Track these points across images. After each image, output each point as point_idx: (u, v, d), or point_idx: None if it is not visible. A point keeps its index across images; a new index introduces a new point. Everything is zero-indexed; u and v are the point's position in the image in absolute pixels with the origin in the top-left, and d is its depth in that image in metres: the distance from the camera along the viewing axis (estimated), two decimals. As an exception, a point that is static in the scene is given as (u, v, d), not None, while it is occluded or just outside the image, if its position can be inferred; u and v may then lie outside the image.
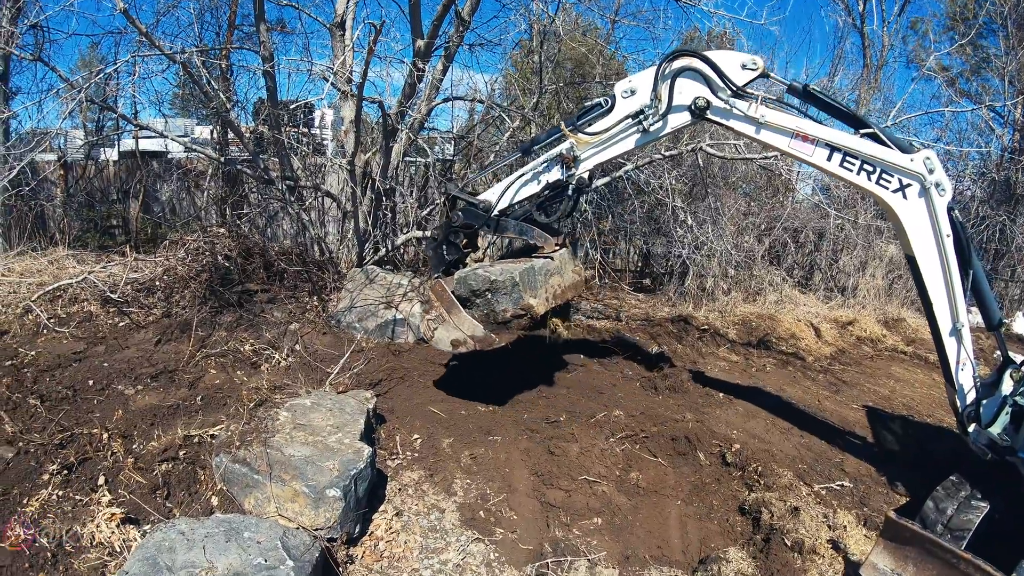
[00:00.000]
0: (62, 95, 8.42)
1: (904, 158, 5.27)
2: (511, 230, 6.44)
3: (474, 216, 6.39)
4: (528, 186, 6.33)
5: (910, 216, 5.36)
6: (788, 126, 5.53)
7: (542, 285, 6.33)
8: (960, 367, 5.39)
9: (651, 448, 6.56)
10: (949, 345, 5.39)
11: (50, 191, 13.29)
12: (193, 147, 10.63)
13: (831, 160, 5.49)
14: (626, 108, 5.93)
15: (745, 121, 5.63)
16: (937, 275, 5.34)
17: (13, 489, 4.60)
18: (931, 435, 7.32)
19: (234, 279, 8.61)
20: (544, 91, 10.79)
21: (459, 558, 4.99)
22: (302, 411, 5.65)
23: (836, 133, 5.49)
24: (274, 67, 8.98)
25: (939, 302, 5.37)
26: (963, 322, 5.27)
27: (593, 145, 6.06)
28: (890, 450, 6.99)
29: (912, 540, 4.50)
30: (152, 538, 4.15)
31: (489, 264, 6.45)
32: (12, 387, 5.83)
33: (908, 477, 6.25)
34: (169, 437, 5.39)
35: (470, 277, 6.21)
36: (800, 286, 13.52)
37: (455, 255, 6.58)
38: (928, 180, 5.22)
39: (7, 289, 7.73)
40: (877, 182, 5.39)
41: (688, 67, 5.70)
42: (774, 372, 9.11)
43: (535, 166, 6.25)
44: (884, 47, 19.90)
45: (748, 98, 5.59)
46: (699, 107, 5.69)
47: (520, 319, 6.21)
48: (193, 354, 6.92)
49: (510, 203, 6.39)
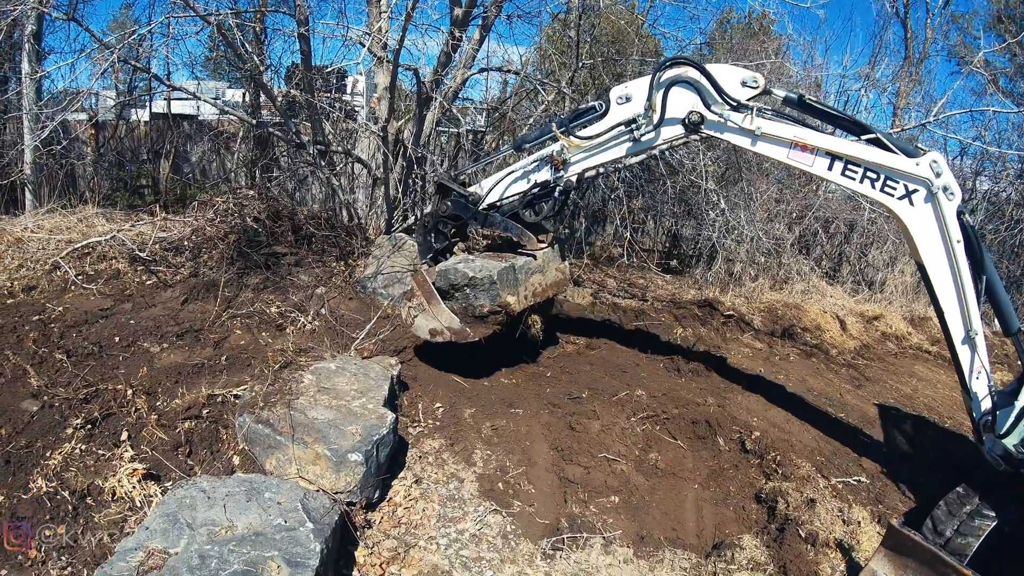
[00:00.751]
0: (95, 55, 8.43)
1: (909, 163, 5.08)
2: (497, 225, 6.52)
3: (463, 207, 6.51)
4: (518, 183, 6.38)
5: (917, 223, 5.19)
6: (786, 136, 5.38)
7: (522, 283, 6.51)
8: (974, 375, 5.19)
9: (671, 430, 6.53)
10: (962, 353, 5.21)
11: (81, 150, 13.37)
12: (225, 109, 10.63)
13: (832, 169, 5.34)
14: (620, 115, 5.86)
15: (741, 134, 5.51)
16: (948, 282, 5.16)
17: (37, 442, 4.64)
18: (950, 438, 7.21)
19: (262, 241, 8.63)
20: (582, 66, 10.67)
21: (476, 528, 5.01)
22: (327, 375, 5.67)
23: (836, 141, 5.33)
24: (309, 31, 8.92)
25: (951, 310, 5.19)
26: (976, 330, 5.09)
27: (584, 149, 6.03)
28: (905, 451, 6.89)
29: (913, 551, 4.45)
30: (173, 495, 4.19)
31: (472, 258, 6.54)
32: (39, 342, 5.88)
33: (923, 479, 6.15)
34: (193, 395, 5.42)
35: (450, 271, 6.35)
36: (828, 277, 13.35)
37: (442, 243, 6.76)
38: (935, 184, 5.03)
39: (36, 245, 7.79)
40: (882, 189, 5.23)
41: (683, 78, 5.58)
42: (797, 362, 9.02)
43: (526, 164, 6.28)
44: (927, 40, 19.52)
45: (743, 109, 5.45)
46: (692, 122, 5.59)
47: (497, 315, 6.38)
48: (219, 314, 6.94)
49: (499, 198, 6.46)
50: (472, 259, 6.52)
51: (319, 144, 9.59)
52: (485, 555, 4.80)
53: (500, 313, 6.38)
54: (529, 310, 6.85)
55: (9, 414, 4.82)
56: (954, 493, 5.05)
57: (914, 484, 6.05)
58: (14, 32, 10.19)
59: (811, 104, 5.55)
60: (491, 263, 6.38)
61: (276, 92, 9.98)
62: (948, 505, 4.97)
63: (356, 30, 8.77)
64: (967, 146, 16.17)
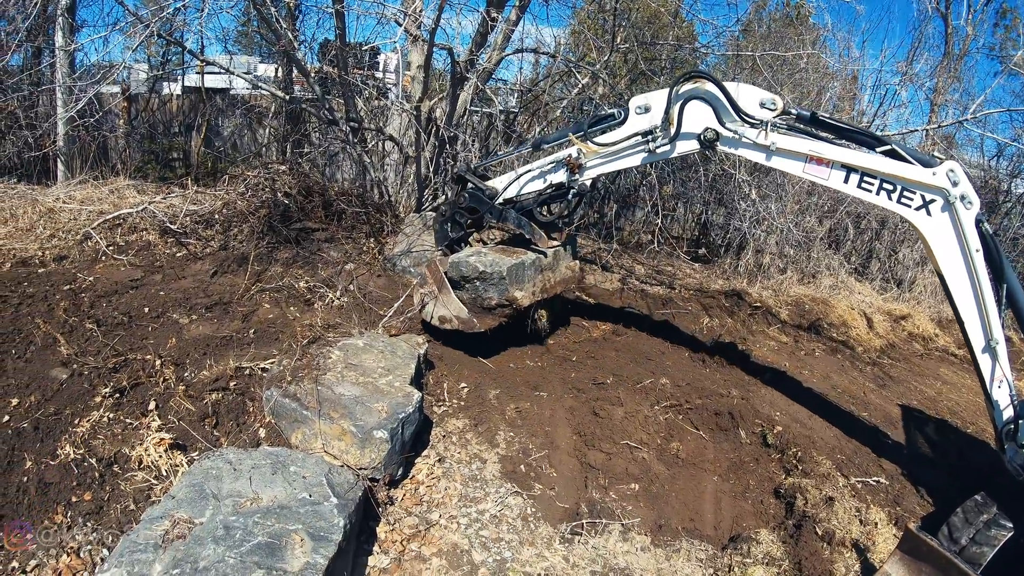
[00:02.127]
0: (128, 29, 8.46)
1: (925, 173, 5.05)
2: (511, 222, 6.71)
3: (479, 201, 6.71)
4: (535, 182, 6.54)
5: (935, 233, 5.14)
6: (801, 150, 5.38)
7: (530, 280, 6.73)
8: (996, 384, 5.12)
9: (694, 420, 6.52)
10: (983, 362, 5.13)
11: (113, 123, 13.48)
12: (259, 84, 10.67)
13: (848, 182, 5.33)
14: (637, 125, 5.92)
15: (755, 149, 5.52)
16: (967, 292, 5.10)
17: (66, 409, 4.71)
18: (973, 444, 7.11)
19: (292, 216, 8.66)
20: (616, 49, 10.59)
21: (496, 509, 5.03)
22: (354, 351, 5.71)
23: (851, 153, 5.30)
24: (345, 8, 8.92)
25: (971, 320, 5.13)
26: (997, 339, 5.01)
27: (600, 155, 6.12)
28: (926, 455, 6.79)
29: (929, 556, 4.39)
30: (200, 465, 4.23)
31: (485, 251, 6.71)
32: (69, 311, 5.94)
33: (943, 484, 6.09)
34: (220, 367, 5.47)
35: (462, 264, 6.52)
36: (857, 273, 13.19)
37: (458, 233, 6.99)
38: (952, 194, 4.98)
39: (68, 216, 7.86)
40: (899, 201, 5.20)
41: (700, 93, 5.59)
42: (822, 358, 8.95)
43: (543, 164, 6.41)
44: (968, 36, 19.10)
45: (758, 125, 5.44)
46: (708, 139, 5.61)
47: (505, 308, 6.59)
48: (248, 288, 6.99)
49: (516, 194, 6.64)
50: (484, 252, 6.67)
51: (352, 121, 9.60)
52: (504, 536, 4.82)
53: (508, 307, 6.58)
54: (537, 304, 7.04)
55: (39, 381, 4.89)
56: (971, 501, 4.99)
57: (933, 489, 6.00)
58: (48, 5, 10.27)
59: (823, 120, 5.54)
60: (502, 259, 6.54)
61: (310, 68, 9.99)
62: (965, 513, 4.92)
63: (392, 7, 8.76)
64: (1005, 147, 15.91)
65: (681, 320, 9.12)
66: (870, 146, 5.36)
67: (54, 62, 10.69)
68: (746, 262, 11.98)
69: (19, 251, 6.89)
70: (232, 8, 9.84)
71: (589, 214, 13.01)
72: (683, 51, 12.29)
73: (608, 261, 10.73)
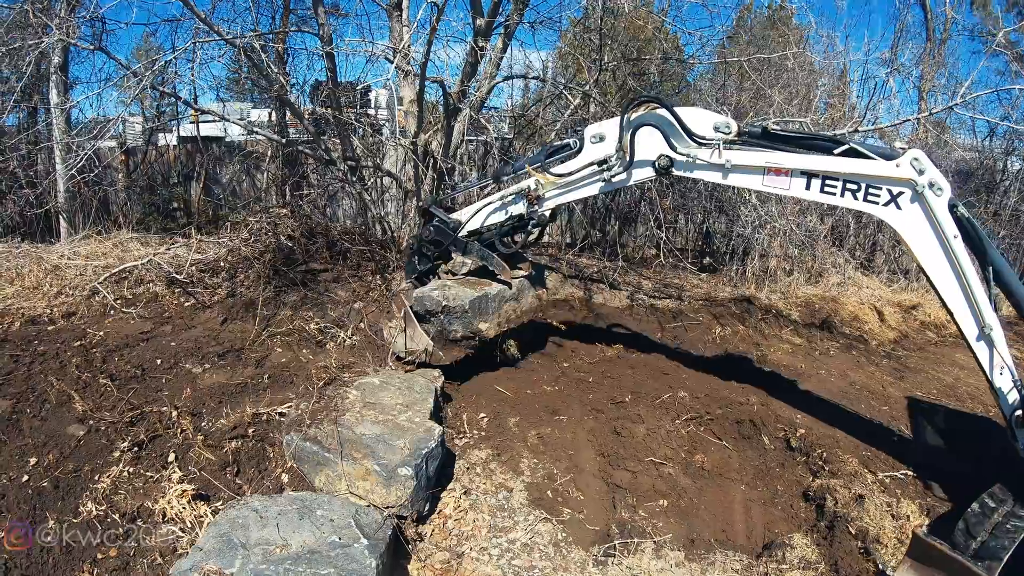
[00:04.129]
0: (124, 84, 8.56)
1: (888, 166, 4.87)
2: (474, 253, 6.71)
3: (444, 234, 6.71)
4: (496, 214, 6.51)
5: (909, 226, 4.96)
6: (757, 163, 5.26)
7: (495, 311, 6.82)
8: (997, 371, 4.98)
9: (716, 430, 6.49)
10: (979, 350, 5.01)
11: (112, 177, 13.59)
12: (255, 130, 10.75)
13: (810, 188, 5.16)
14: (593, 154, 5.84)
15: (710, 169, 5.41)
16: (950, 281, 4.94)
17: (85, 466, 4.69)
18: (994, 431, 7.04)
19: (297, 259, 8.67)
20: (604, 68, 10.66)
21: (527, 537, 5.00)
22: (371, 390, 5.70)
23: (809, 158, 5.15)
24: (334, 49, 9.00)
25: (959, 309, 4.99)
26: (990, 324, 4.85)
27: (557, 186, 6.05)
28: (948, 442, 6.66)
29: (941, 561, 4.27)
30: (226, 515, 4.22)
31: (449, 284, 6.77)
32: (82, 367, 5.93)
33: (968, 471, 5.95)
34: (238, 415, 5.46)
35: (425, 298, 6.59)
36: (863, 268, 13.18)
37: (426, 265, 7.01)
38: (919, 183, 4.80)
39: (74, 272, 7.88)
40: (865, 199, 5.03)
41: (649, 120, 5.51)
42: (838, 356, 8.91)
43: (503, 196, 6.36)
44: (947, 20, 19.20)
45: (710, 145, 5.34)
46: (662, 166, 5.52)
47: (470, 340, 6.68)
48: (259, 333, 6.99)
49: (480, 226, 6.61)
50: (449, 286, 6.72)
51: (349, 160, 9.66)
52: (537, 564, 4.78)
53: (473, 338, 6.67)
54: (505, 334, 7.10)
55: (56, 439, 4.88)
56: (988, 493, 4.86)
57: (959, 476, 5.89)
58: (41, 64, 10.39)
59: (775, 133, 5.40)
60: (466, 291, 6.63)
61: (303, 110, 10.07)
62: (982, 506, 4.76)
63: (381, 45, 8.84)
64: (996, 127, 15.94)
65: (693, 331, 9.10)
66: (827, 149, 5.19)
67: (50, 120, 10.78)
68: (752, 267, 11.95)
69: (28, 309, 6.90)
70: (222, 56, 9.92)
71: (592, 233, 13.01)
72: (670, 63, 12.35)
73: (615, 279, 10.70)
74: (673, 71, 13.06)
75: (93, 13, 8.89)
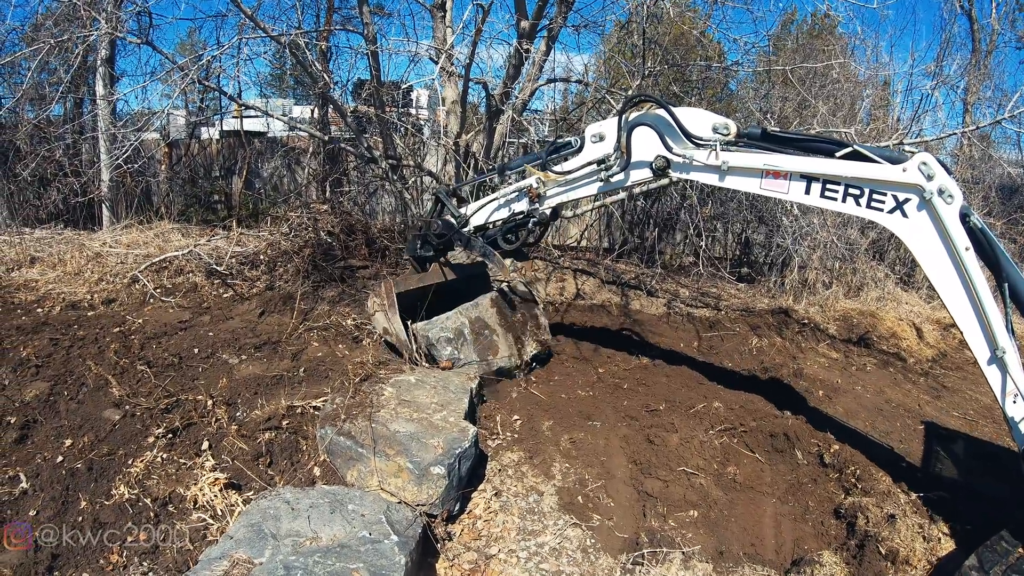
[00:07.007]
0: (169, 77, 8.71)
1: (894, 171, 4.49)
2: (477, 250, 6.64)
3: (449, 226, 6.65)
4: (501, 210, 6.46)
5: (915, 236, 4.56)
6: (755, 165, 5.00)
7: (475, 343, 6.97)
8: (1010, 399, 4.47)
9: (749, 443, 6.40)
10: (991, 375, 4.50)
11: (155, 168, 13.82)
12: (298, 126, 10.85)
13: (810, 193, 4.84)
14: (592, 153, 5.77)
15: (707, 171, 5.22)
16: (960, 297, 4.53)
17: (119, 450, 4.78)
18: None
19: (336, 255, 8.76)
20: (648, 73, 10.63)
21: (556, 542, 4.97)
22: (406, 387, 5.72)
23: (809, 161, 4.84)
24: (379, 48, 9.07)
25: (969, 328, 4.54)
26: (1004, 347, 4.36)
27: (559, 184, 5.98)
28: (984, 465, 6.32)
29: None
30: (257, 505, 4.26)
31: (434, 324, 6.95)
32: (120, 353, 6.06)
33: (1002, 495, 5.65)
34: (272, 407, 5.51)
35: (419, 331, 6.86)
36: (903, 283, 12.95)
37: (429, 252, 6.99)
38: (928, 189, 4.38)
39: (115, 260, 8.03)
40: (868, 206, 4.63)
41: (645, 120, 5.40)
42: (874, 372, 8.76)
43: (507, 192, 6.31)
44: (994, 31, 18.84)
45: (706, 146, 5.20)
46: (659, 167, 5.40)
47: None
48: (296, 327, 7.05)
49: (486, 222, 6.55)
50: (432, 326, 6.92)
51: (390, 158, 9.72)
52: (565, 568, 4.75)
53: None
54: None
55: (92, 422, 4.98)
56: (991, 542, 4.47)
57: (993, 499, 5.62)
58: (88, 56, 10.59)
59: (775, 135, 5.19)
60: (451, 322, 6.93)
61: (346, 108, 10.16)
62: (980, 559, 4.37)
63: (424, 45, 8.90)
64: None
65: (729, 341, 9.01)
66: (829, 152, 4.89)
67: (96, 111, 10.99)
68: (790, 279, 11.80)
69: (68, 295, 7.05)
70: (266, 53, 10.05)
71: (631, 239, 12.94)
72: (713, 70, 12.25)
73: (652, 286, 10.65)
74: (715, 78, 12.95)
75: (140, 8, 9.06)
